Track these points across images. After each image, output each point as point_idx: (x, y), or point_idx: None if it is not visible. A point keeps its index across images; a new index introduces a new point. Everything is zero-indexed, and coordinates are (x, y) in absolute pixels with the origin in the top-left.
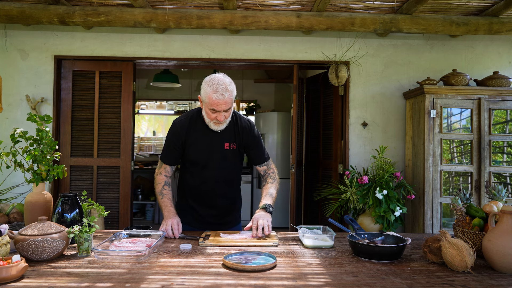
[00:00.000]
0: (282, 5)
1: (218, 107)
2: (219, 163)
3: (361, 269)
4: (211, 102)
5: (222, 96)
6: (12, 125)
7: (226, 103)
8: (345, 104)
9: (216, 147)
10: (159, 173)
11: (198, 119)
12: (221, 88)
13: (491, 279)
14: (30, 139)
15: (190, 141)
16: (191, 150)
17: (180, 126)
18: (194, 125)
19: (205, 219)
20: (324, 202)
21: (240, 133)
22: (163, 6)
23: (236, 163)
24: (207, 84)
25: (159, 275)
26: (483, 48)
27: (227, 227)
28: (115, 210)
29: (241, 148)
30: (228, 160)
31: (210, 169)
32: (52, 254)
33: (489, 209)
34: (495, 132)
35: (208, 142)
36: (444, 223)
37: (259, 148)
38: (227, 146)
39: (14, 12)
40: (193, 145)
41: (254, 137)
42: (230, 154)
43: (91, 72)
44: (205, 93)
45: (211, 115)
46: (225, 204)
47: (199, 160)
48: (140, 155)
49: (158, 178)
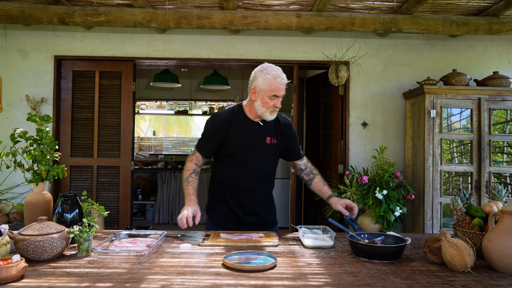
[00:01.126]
0: (282, 5)
1: (280, 92)
2: (260, 157)
3: (361, 269)
4: (273, 88)
5: (283, 80)
6: (12, 125)
7: (284, 88)
8: (345, 104)
9: (258, 141)
10: (191, 160)
11: (240, 113)
12: (280, 73)
13: (491, 279)
14: (30, 139)
15: (231, 135)
16: (233, 143)
17: (221, 121)
18: (236, 118)
19: (246, 220)
20: (324, 202)
21: (282, 128)
22: (163, 6)
23: (275, 158)
24: (266, 72)
25: (159, 275)
26: (483, 48)
27: (266, 227)
28: (115, 210)
29: (282, 143)
30: (269, 155)
31: (251, 163)
32: (52, 254)
33: (489, 209)
34: (495, 132)
35: (250, 135)
36: (444, 223)
37: (298, 144)
38: (269, 140)
39: (14, 12)
40: (234, 139)
41: (295, 133)
42: (271, 148)
43: (91, 72)
44: (264, 81)
45: (270, 103)
46: (265, 201)
47: (241, 153)
48: (140, 155)
49: (189, 164)
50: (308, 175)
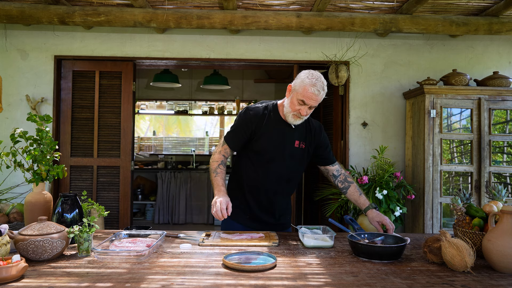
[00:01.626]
0: (282, 5)
1: (309, 101)
2: (286, 160)
3: (361, 269)
4: (304, 94)
5: (318, 92)
6: (12, 125)
7: (317, 100)
8: (345, 104)
9: (287, 143)
10: (218, 152)
11: (274, 111)
12: (320, 85)
13: (491, 279)
14: (30, 139)
15: (262, 132)
16: (262, 140)
17: (254, 114)
18: (269, 115)
19: (261, 218)
20: (324, 202)
21: (312, 133)
22: (163, 6)
23: (302, 163)
24: (307, 76)
25: (159, 275)
26: (483, 48)
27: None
28: (115, 210)
29: (311, 148)
30: (295, 159)
31: (276, 164)
32: (52, 254)
33: (489, 209)
34: (495, 132)
35: (280, 135)
36: (444, 223)
37: (330, 149)
38: (297, 144)
39: (14, 12)
40: (264, 135)
41: (325, 138)
42: (298, 153)
43: (91, 72)
44: (302, 82)
45: (296, 106)
46: (283, 203)
47: (268, 152)
48: (140, 155)
49: (216, 156)
50: (343, 183)
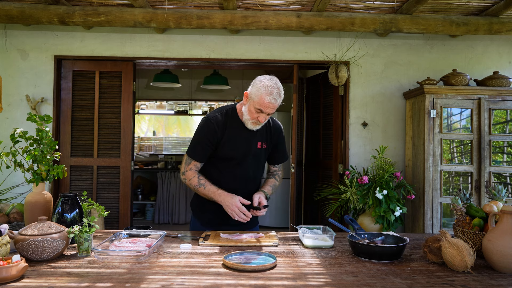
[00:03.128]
0: (282, 5)
1: (266, 109)
2: (251, 161)
3: (361, 269)
4: (261, 103)
5: (275, 100)
6: (12, 125)
7: (275, 107)
8: (345, 104)
9: (250, 146)
10: (189, 169)
11: (234, 116)
12: (276, 93)
13: (491, 279)
14: (30, 139)
15: (225, 138)
16: (227, 147)
17: (216, 123)
18: (230, 121)
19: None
20: (324, 202)
21: (272, 133)
22: (163, 6)
23: (264, 163)
24: (263, 84)
25: (159, 275)
26: (483, 48)
27: (246, 226)
28: (115, 210)
29: (270, 148)
30: (259, 158)
31: (242, 167)
32: (52, 254)
33: (489, 209)
34: (495, 132)
35: (243, 139)
36: (444, 223)
37: (284, 150)
38: (259, 145)
39: (14, 12)
40: (229, 142)
41: (282, 140)
42: (261, 153)
43: (91, 72)
44: (258, 92)
45: (254, 114)
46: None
47: (234, 157)
48: (140, 155)
49: (189, 173)
50: (269, 175)
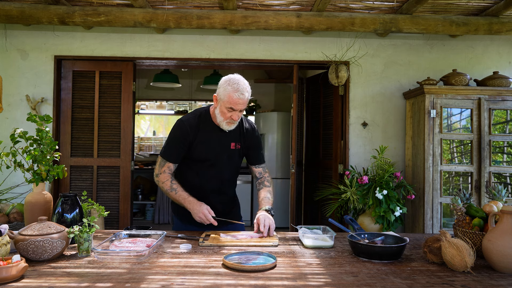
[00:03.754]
0: (282, 5)
1: (237, 106)
2: (225, 162)
3: (361, 269)
4: (230, 101)
5: (243, 96)
6: (12, 125)
7: (244, 103)
8: (345, 104)
9: (224, 147)
10: (163, 172)
11: (207, 118)
12: (242, 88)
13: (491, 279)
14: (30, 139)
15: (198, 140)
16: (200, 149)
17: (189, 125)
18: (203, 124)
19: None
20: (324, 202)
21: (245, 134)
22: (163, 6)
23: (239, 163)
24: (228, 83)
25: (159, 275)
26: (483, 48)
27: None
28: (115, 210)
29: (244, 148)
30: (233, 159)
31: (217, 168)
32: (52, 254)
33: (489, 209)
34: (495, 132)
35: (217, 141)
36: (444, 223)
37: (260, 150)
38: (233, 146)
39: (14, 12)
40: (202, 144)
41: (257, 139)
42: (235, 154)
43: (91, 72)
44: (225, 91)
45: (227, 114)
46: (228, 202)
47: (208, 159)
48: (140, 155)
49: (163, 176)
50: (260, 184)
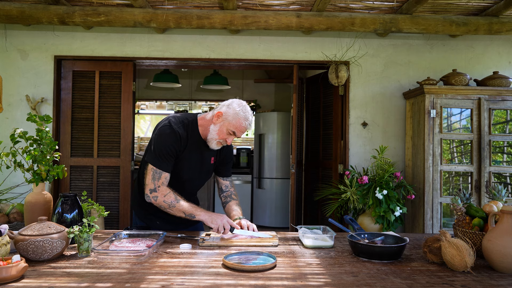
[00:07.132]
0: (282, 5)
1: (239, 133)
2: (202, 177)
3: (361, 269)
4: (238, 126)
5: (249, 126)
6: (12, 125)
7: (244, 132)
8: (345, 104)
9: (205, 162)
10: (161, 184)
11: (194, 130)
12: (250, 118)
13: (491, 279)
14: (30, 139)
15: (184, 155)
16: (181, 163)
17: (181, 135)
18: (191, 136)
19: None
20: (324, 202)
21: (224, 148)
22: (163, 6)
23: (211, 174)
24: (240, 109)
25: (159, 275)
26: (483, 48)
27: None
28: (115, 210)
29: (218, 161)
30: (208, 172)
31: (192, 182)
32: (52, 254)
33: (489, 209)
34: (495, 132)
35: (199, 156)
36: (444, 223)
37: (231, 163)
38: (213, 160)
39: (14, 12)
40: (185, 161)
41: (232, 152)
42: (211, 167)
43: (91, 72)
44: (236, 115)
45: (225, 135)
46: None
47: (185, 173)
48: (140, 155)
49: (163, 189)
50: (226, 198)
